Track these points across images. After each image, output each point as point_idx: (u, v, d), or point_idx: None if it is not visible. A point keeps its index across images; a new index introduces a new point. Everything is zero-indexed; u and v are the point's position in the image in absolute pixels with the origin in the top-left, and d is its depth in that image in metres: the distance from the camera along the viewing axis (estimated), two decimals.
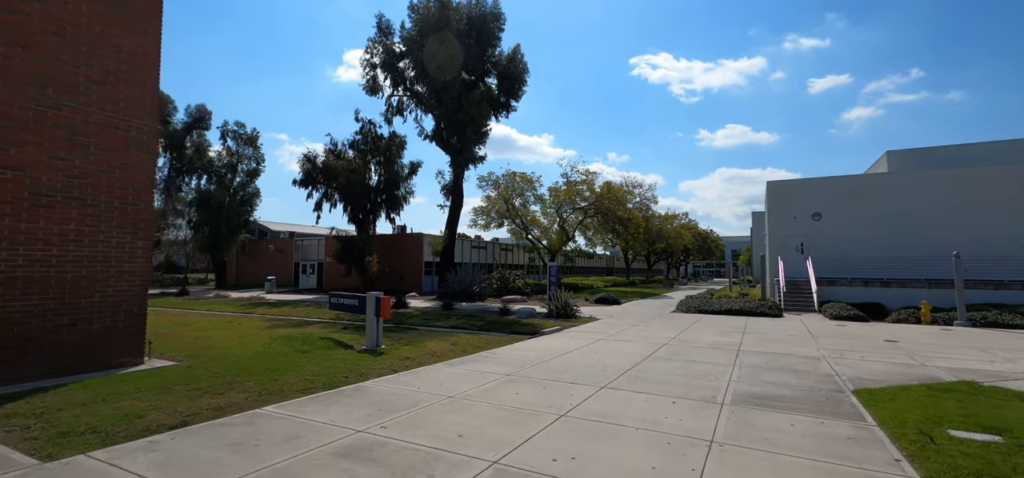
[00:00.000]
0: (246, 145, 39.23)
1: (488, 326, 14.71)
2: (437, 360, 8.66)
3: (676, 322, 16.18)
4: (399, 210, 33.39)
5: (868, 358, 9.58)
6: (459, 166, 29.41)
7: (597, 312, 19.57)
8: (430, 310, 19.67)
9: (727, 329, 14.23)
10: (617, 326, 14.80)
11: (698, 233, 68.47)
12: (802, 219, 24.32)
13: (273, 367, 7.69)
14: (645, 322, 16.10)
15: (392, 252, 33.61)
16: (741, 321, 16.68)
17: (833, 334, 13.41)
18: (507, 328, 14.26)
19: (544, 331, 13.15)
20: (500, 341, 11.35)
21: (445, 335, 12.20)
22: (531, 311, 17.77)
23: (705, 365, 8.60)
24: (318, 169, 29.89)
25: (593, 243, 44.87)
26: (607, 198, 38.06)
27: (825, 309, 18.96)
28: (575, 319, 16.58)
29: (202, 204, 35.47)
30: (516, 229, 38.84)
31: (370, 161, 32.20)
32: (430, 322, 15.59)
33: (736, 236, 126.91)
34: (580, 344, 10.99)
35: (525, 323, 15.17)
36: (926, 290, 19.90)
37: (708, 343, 11.37)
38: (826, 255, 22.93)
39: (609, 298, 24.35)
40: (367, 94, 28.79)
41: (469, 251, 38.50)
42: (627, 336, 12.52)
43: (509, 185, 37.74)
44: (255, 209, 39.09)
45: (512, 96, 30.84)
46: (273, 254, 39.38)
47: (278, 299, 25.91)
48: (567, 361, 8.86)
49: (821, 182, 24.46)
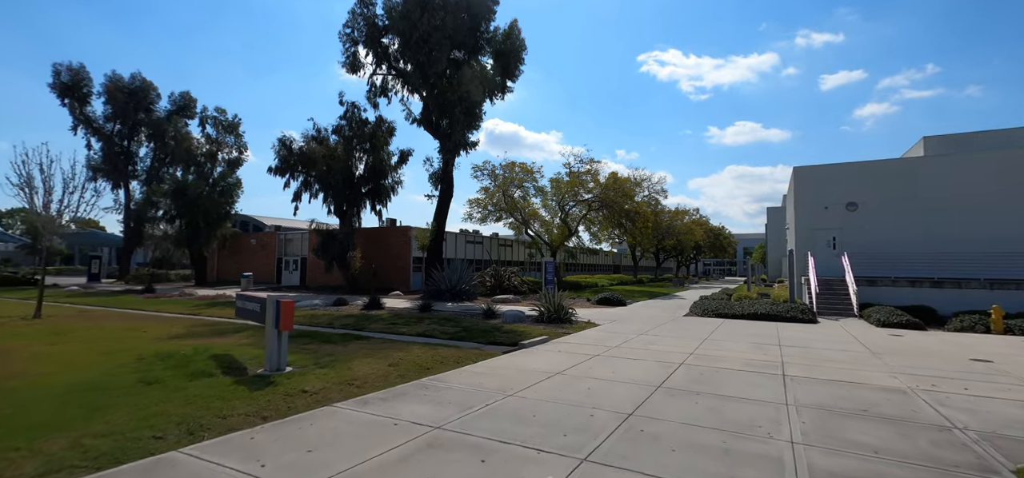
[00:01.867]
0: (227, 132, 36.84)
1: (460, 334, 12.00)
2: (350, 394, 5.94)
3: (692, 329, 13.34)
4: (386, 202, 30.81)
5: (977, 390, 6.72)
6: (449, 152, 26.68)
7: (598, 315, 16.78)
8: (403, 312, 17.00)
9: (758, 339, 11.38)
10: (620, 335, 12.00)
11: (709, 230, 65.24)
12: (835, 210, 21.29)
13: (65, 418, 5.02)
14: (654, 329, 13.27)
15: (377, 247, 31.01)
16: (771, 328, 13.80)
17: (896, 349, 10.50)
18: (483, 337, 11.53)
19: (526, 342, 10.40)
20: (463, 358, 8.62)
21: (396, 349, 9.48)
22: (519, 314, 15.02)
23: (745, 404, 5.81)
24: (294, 155, 27.32)
25: (598, 239, 41.94)
26: (613, 190, 35.18)
27: (868, 314, 16.01)
28: (569, 325, 13.81)
29: (178, 195, 33.10)
30: (515, 223, 36.09)
31: (355, 148, 29.60)
32: (394, 329, 12.91)
33: (747, 234, 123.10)
34: (567, 364, 8.22)
35: (507, 330, 12.43)
36: (988, 291, 16.85)
37: (740, 362, 8.55)
38: (863, 250, 19.92)
39: (613, 298, 21.53)
40: (347, 72, 26.19)
41: (463, 246, 35.82)
42: (631, 351, 9.72)
43: (507, 176, 35.00)
44: (236, 201, 36.69)
45: (508, 76, 28.05)
46: (255, 249, 37.00)
47: None
48: (539, 397, 6.10)
49: (856, 167, 21.40)
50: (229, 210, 36.22)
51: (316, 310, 17.74)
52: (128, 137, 41.82)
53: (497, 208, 35.19)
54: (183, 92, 42.16)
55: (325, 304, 19.30)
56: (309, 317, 15.23)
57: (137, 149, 42.53)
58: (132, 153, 42.16)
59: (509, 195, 35.09)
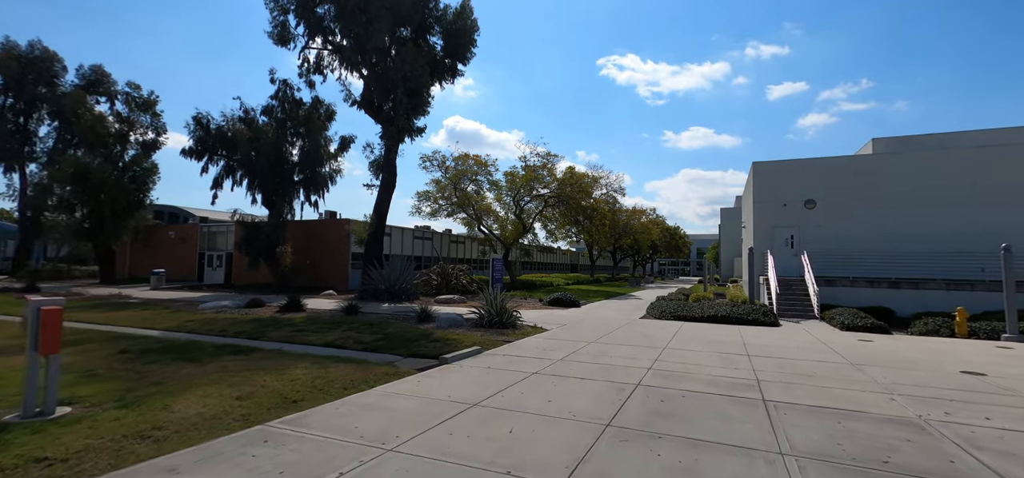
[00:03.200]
0: (141, 110, 32.69)
1: (378, 344, 9.90)
2: (124, 459, 3.75)
3: (650, 334, 11.79)
4: (322, 192, 27.89)
5: (1000, 419, 5.34)
6: (391, 138, 24.25)
7: (547, 318, 15.03)
8: (324, 315, 14.61)
9: (723, 347, 9.92)
10: (567, 343, 10.23)
11: (666, 229, 65.55)
12: (793, 207, 20.58)
13: None
14: (607, 335, 11.62)
15: (313, 241, 28.13)
16: (733, 332, 12.47)
17: (875, 359, 9.27)
18: (403, 347, 9.49)
19: (452, 355, 8.42)
20: (358, 381, 6.55)
21: (270, 371, 7.26)
22: (456, 318, 13.02)
23: (728, 458, 4.08)
24: (213, 136, 24.07)
25: (554, 236, 40.52)
26: (570, 185, 33.79)
27: (830, 316, 15.10)
28: (512, 331, 11.95)
29: (78, 179, 28.83)
30: (468, 219, 34.01)
31: (288, 132, 26.61)
32: (298, 337, 10.62)
33: (701, 234, 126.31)
34: (492, 388, 6.31)
35: (436, 339, 10.42)
36: (945, 292, 16.38)
37: (708, 379, 6.94)
38: (821, 249, 19.24)
39: (566, 299, 19.92)
40: (276, 44, 23.26)
41: (410, 242, 33.38)
42: (578, 366, 7.94)
43: (459, 168, 32.86)
44: (152, 189, 32.61)
45: (458, 58, 25.98)
46: (174, 243, 33.03)
47: (147, 298, 20.17)
48: (433, 452, 4.14)
49: (815, 163, 20.78)
50: (142, 198, 32.11)
51: (220, 313, 15.04)
52: (25, 114, 36.58)
53: (448, 202, 33.01)
54: (94, 65, 37.15)
55: (235, 306, 16.58)
56: (202, 323, 12.61)
57: (37, 128, 37.34)
58: (30, 132, 36.93)
59: (461, 189, 32.99)
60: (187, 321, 12.95)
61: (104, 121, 31.79)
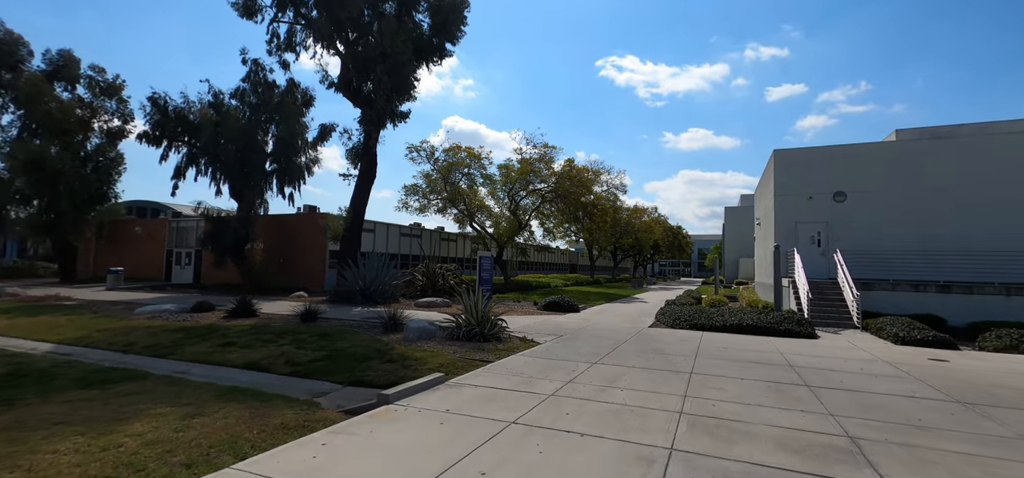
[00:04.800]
0: (106, 96, 30.23)
1: (312, 366, 7.54)
2: None
3: (667, 349, 9.39)
4: (298, 184, 25.41)
5: None
6: (370, 123, 21.85)
7: (541, 326, 12.63)
8: (273, 323, 12.21)
9: (768, 372, 7.53)
10: (563, 367, 7.83)
11: (668, 229, 63.15)
12: (820, 200, 18.22)
13: None
14: (613, 353, 9.21)
15: (286, 238, 25.73)
16: (767, 346, 10.09)
17: (982, 391, 6.89)
18: (346, 372, 7.15)
19: (399, 389, 6.01)
20: (217, 450, 4.17)
21: (115, 418, 4.88)
22: (428, 329, 10.62)
23: None
24: (171, 119, 21.62)
25: (553, 234, 38.06)
26: (569, 179, 31.37)
27: (875, 326, 12.73)
28: (494, 345, 9.55)
29: (33, 169, 26.39)
30: (459, 215, 31.58)
31: (261, 117, 24.21)
32: (217, 355, 8.25)
33: (702, 235, 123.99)
34: (438, 461, 3.92)
35: (393, 358, 8.04)
36: (1004, 298, 14.03)
37: (776, 439, 4.56)
38: (852, 248, 16.88)
39: (563, 303, 17.52)
40: (241, 16, 20.84)
41: (396, 239, 30.97)
42: (577, 408, 5.55)
43: (450, 160, 30.44)
44: (117, 180, 30.19)
45: (447, 36, 23.57)
46: (141, 239, 30.58)
47: (89, 300, 17.76)
48: None
49: (847, 151, 18.41)
50: (106, 191, 29.69)
51: (154, 319, 12.65)
52: None
53: (438, 197, 30.59)
54: (62, 51, 34.34)
55: (178, 310, 14.18)
56: (114, 334, 10.22)
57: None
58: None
59: (452, 182, 30.59)
60: (100, 330, 10.56)
61: (64, 107, 29.33)
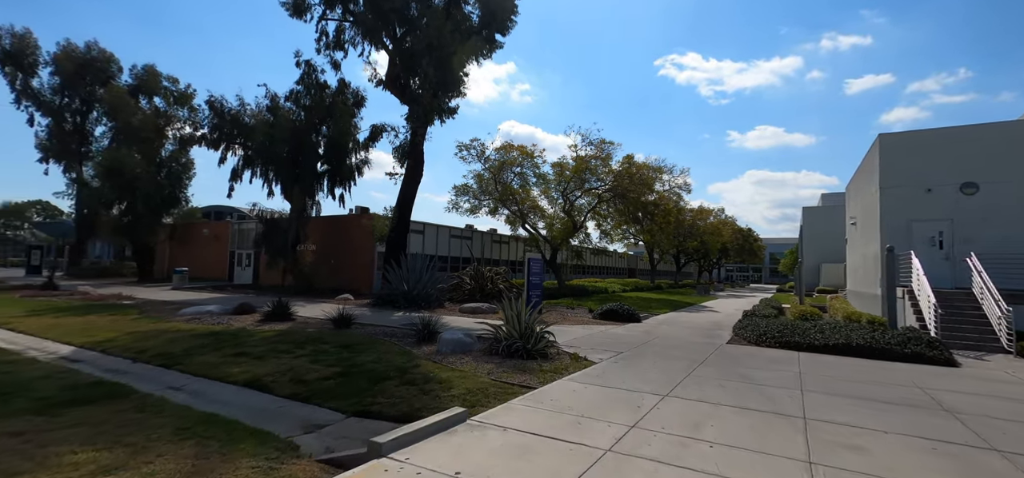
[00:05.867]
0: (178, 105, 31.94)
1: (320, 385, 6.36)
2: None
3: (760, 380, 7.34)
4: (348, 185, 25.32)
5: None
6: (417, 119, 20.99)
7: (595, 340, 10.85)
8: (302, 329, 11.35)
9: (924, 426, 5.34)
10: (624, 402, 6.08)
11: (738, 231, 58.32)
12: (942, 193, 14.98)
13: None
14: (690, 377, 7.31)
15: (336, 239, 25.57)
16: (894, 377, 7.72)
17: None
18: (355, 396, 5.88)
19: (411, 429, 4.55)
20: None
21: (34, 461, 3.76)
22: (463, 340, 9.20)
23: None
24: (227, 122, 21.97)
25: (610, 237, 35.74)
26: (628, 178, 29.08)
27: None
28: (539, 363, 7.95)
29: (111, 175, 28.15)
30: (512, 216, 30.21)
31: (314, 119, 24.24)
32: (223, 365, 7.33)
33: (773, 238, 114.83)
34: None
35: (415, 379, 6.69)
36: None
37: None
38: (986, 251, 13.58)
39: (623, 311, 15.55)
40: (291, 15, 20.74)
41: (446, 241, 30.14)
42: (648, 474, 3.82)
43: (502, 158, 29.18)
44: (188, 185, 31.76)
45: (497, 27, 22.35)
46: (208, 241, 31.91)
47: (146, 300, 18.13)
48: None
49: (977, 132, 15.04)
50: (177, 194, 31.27)
51: (190, 322, 12.24)
52: (82, 114, 37.42)
53: (490, 197, 29.40)
54: (147, 65, 37.03)
55: (220, 311, 13.82)
56: (136, 338, 9.70)
57: (93, 127, 38.16)
58: (87, 132, 37.75)
59: (503, 182, 29.29)
60: (129, 333, 10.13)
61: (144, 117, 31.26)
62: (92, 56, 37.14)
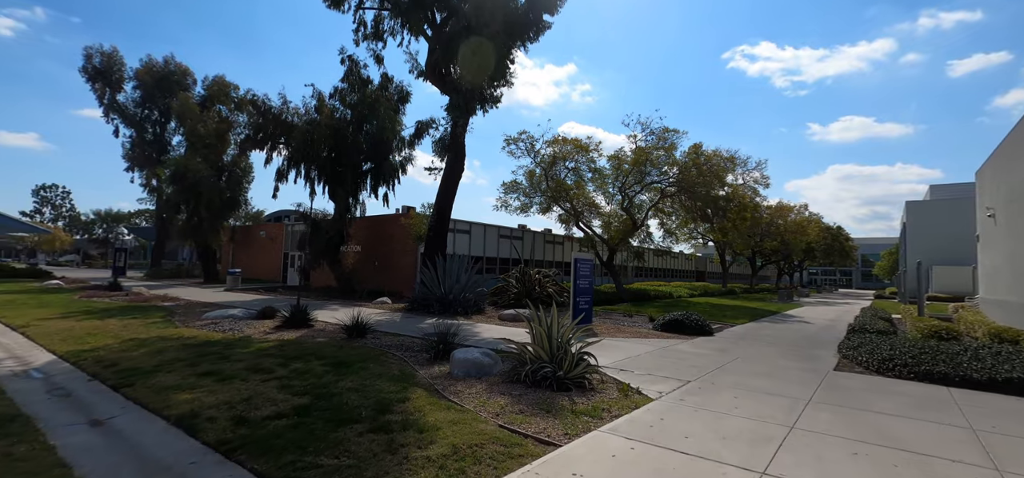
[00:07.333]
0: (238, 110, 32.89)
1: (251, 437, 4.66)
2: None
3: (910, 444, 4.75)
4: (392, 183, 24.39)
5: None
6: (457, 110, 19.45)
7: (653, 359, 8.50)
8: (313, 338, 9.98)
9: None
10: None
11: (825, 230, 51.88)
12: None
13: None
14: (795, 440, 4.87)
15: (380, 239, 24.73)
16: None
17: None
18: (290, 454, 4.05)
19: None
20: None
21: None
22: (482, 362, 7.27)
23: None
24: (270, 121, 21.71)
25: (675, 236, 32.36)
26: (695, 168, 25.87)
27: None
28: (573, 398, 5.84)
29: (178, 180, 29.34)
30: (565, 214, 28.00)
31: (357, 115, 23.58)
32: (179, 388, 5.95)
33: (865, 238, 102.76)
34: None
35: (394, 422, 4.85)
36: None
37: None
38: None
39: (689, 321, 12.89)
40: (328, 6, 20.01)
41: (495, 242, 28.49)
42: None
43: (554, 152, 27.07)
44: (247, 189, 32.61)
45: (545, 7, 20.31)
46: (265, 243, 32.57)
47: (192, 301, 17.98)
48: None
49: None
50: (238, 198, 32.18)
51: (204, 328, 11.34)
52: (161, 124, 40.06)
53: (542, 194, 27.37)
54: (217, 77, 38.93)
55: (243, 315, 12.93)
56: (123, 348, 8.73)
57: (170, 137, 40.79)
58: (165, 141, 40.37)
59: (555, 177, 27.16)
60: (122, 342, 9.24)
61: (207, 124, 32.56)
62: (169, 70, 39.60)
